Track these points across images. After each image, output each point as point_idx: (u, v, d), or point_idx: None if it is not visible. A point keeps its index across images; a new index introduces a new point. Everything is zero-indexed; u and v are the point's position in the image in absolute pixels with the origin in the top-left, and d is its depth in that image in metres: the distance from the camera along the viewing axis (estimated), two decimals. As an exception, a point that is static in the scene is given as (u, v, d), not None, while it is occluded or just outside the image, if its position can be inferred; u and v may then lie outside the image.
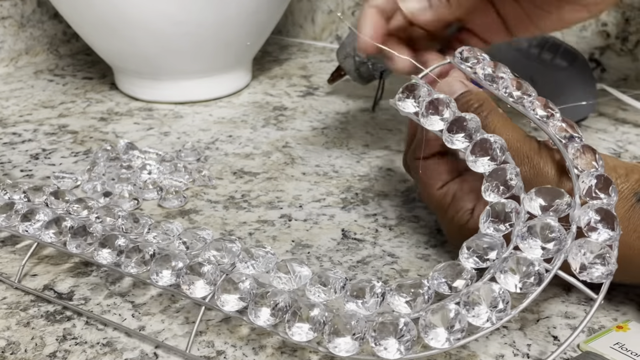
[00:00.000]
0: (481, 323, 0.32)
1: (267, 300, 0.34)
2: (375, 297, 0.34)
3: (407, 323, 0.32)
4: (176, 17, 0.64)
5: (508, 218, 0.35)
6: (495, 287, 0.32)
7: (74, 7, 0.68)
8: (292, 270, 0.35)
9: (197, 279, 0.36)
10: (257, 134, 0.64)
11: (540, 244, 0.33)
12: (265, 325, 0.34)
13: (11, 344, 0.37)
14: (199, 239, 0.39)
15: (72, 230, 0.41)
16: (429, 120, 0.39)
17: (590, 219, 0.34)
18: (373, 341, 0.32)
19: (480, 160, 0.37)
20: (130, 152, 0.57)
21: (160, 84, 0.71)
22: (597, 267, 0.33)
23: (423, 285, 0.33)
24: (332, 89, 0.75)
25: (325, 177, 0.56)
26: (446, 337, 0.31)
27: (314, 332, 0.33)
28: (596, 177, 0.36)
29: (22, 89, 0.76)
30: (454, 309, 0.32)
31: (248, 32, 0.70)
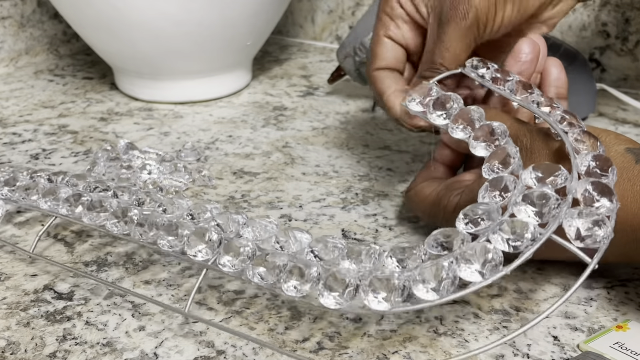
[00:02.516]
0: (473, 278, 0.32)
1: (266, 261, 0.35)
2: (370, 257, 0.35)
3: (399, 278, 0.32)
4: (176, 17, 0.64)
5: (506, 189, 0.36)
6: (488, 246, 0.32)
7: (74, 7, 0.68)
8: (293, 235, 0.37)
9: (200, 244, 0.37)
10: (257, 134, 0.64)
11: (534, 210, 0.34)
12: (261, 283, 0.35)
13: (11, 344, 0.37)
14: (206, 211, 0.40)
15: (89, 203, 0.42)
16: (434, 116, 0.42)
17: (587, 191, 0.34)
18: (365, 294, 0.32)
19: (481, 145, 0.39)
20: (130, 152, 0.57)
21: (160, 84, 0.71)
22: (592, 231, 0.33)
23: (419, 247, 0.34)
24: (332, 89, 0.75)
25: (325, 177, 0.56)
26: (435, 289, 0.32)
27: (307, 287, 0.34)
28: (594, 157, 0.36)
29: (22, 89, 0.76)
30: (446, 265, 0.32)
31: (248, 32, 0.70)
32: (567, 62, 0.62)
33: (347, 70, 0.69)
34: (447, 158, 0.49)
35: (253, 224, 0.39)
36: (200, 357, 0.36)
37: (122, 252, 0.45)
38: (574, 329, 0.38)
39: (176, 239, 0.38)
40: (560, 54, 0.62)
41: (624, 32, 0.73)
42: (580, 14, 0.75)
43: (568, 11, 0.48)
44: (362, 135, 0.64)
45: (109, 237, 0.47)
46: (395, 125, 0.66)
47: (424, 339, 0.38)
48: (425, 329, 0.38)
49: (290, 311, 0.40)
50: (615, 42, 0.74)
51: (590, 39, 0.75)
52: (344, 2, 0.89)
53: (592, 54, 0.75)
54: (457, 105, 0.41)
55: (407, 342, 0.37)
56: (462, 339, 0.37)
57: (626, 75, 0.74)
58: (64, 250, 0.46)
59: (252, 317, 0.39)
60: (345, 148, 0.61)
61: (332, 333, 0.38)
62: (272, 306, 0.40)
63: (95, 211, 0.42)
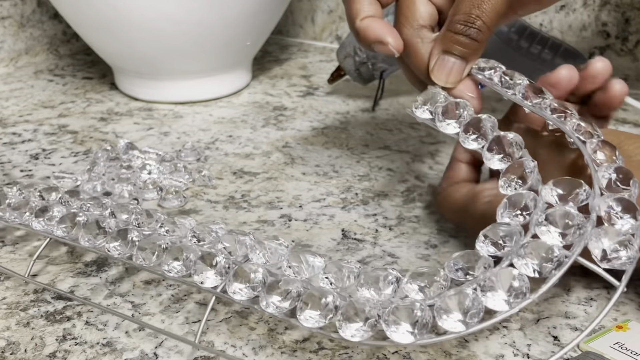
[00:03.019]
0: (499, 307, 0.31)
1: (279, 289, 0.34)
2: (389, 284, 0.33)
3: (422, 308, 0.31)
4: (176, 17, 0.64)
5: (526, 208, 0.34)
6: (513, 271, 0.31)
7: (74, 7, 0.68)
8: (305, 260, 0.35)
9: (208, 269, 0.35)
10: (257, 134, 0.64)
11: (558, 231, 0.32)
12: (277, 313, 0.34)
13: (11, 344, 0.37)
14: (211, 232, 0.39)
15: (86, 224, 0.40)
16: (444, 124, 0.39)
17: (611, 208, 0.33)
18: (386, 325, 0.31)
19: (497, 157, 0.37)
20: (130, 152, 0.57)
21: (160, 84, 0.71)
22: (619, 253, 0.31)
23: (439, 273, 0.33)
24: (332, 89, 0.75)
25: (325, 177, 0.56)
26: (462, 320, 0.30)
27: (324, 319, 0.33)
28: (615, 169, 0.35)
29: (22, 89, 0.76)
30: (470, 293, 0.31)
31: (248, 32, 0.70)
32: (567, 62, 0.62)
33: (347, 70, 0.69)
34: (468, 157, 0.47)
35: (262, 247, 0.36)
36: (200, 357, 0.36)
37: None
38: (574, 329, 0.38)
39: (182, 263, 0.36)
40: (560, 53, 0.62)
41: (624, 32, 0.73)
42: (580, 14, 0.75)
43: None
44: (362, 135, 0.64)
45: (108, 237, 0.47)
46: (395, 125, 0.66)
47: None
48: (425, 329, 0.38)
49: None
50: (615, 42, 0.74)
51: (590, 39, 0.75)
52: (344, 2, 0.89)
53: (592, 54, 0.75)
54: (468, 112, 0.39)
55: (407, 342, 0.37)
56: (462, 339, 0.37)
57: (626, 75, 0.74)
58: (64, 250, 0.46)
59: (252, 317, 0.39)
60: (345, 148, 0.61)
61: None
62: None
63: (94, 233, 0.40)
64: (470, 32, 0.39)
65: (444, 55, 0.40)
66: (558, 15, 0.76)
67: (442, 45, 0.40)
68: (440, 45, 0.40)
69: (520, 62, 0.63)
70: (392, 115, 0.68)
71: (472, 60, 0.41)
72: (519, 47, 0.63)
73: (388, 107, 0.70)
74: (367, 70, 0.68)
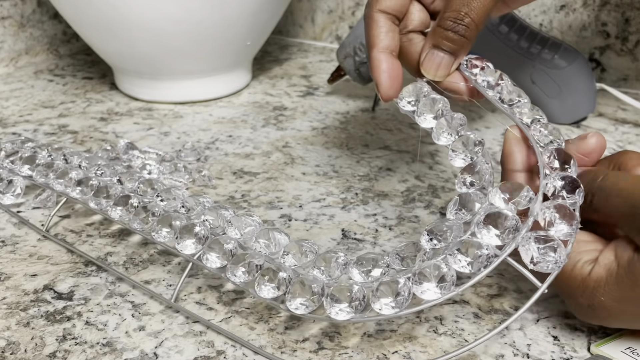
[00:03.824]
0: (427, 296, 0.34)
1: (244, 261, 0.38)
2: (338, 266, 0.37)
3: (359, 290, 0.35)
4: (176, 17, 0.64)
5: (471, 207, 0.37)
6: (443, 265, 0.34)
7: (74, 7, 0.68)
8: (273, 237, 0.39)
9: (188, 238, 0.40)
10: (257, 134, 0.64)
11: (494, 232, 0.34)
12: (239, 282, 0.38)
13: (11, 344, 0.37)
14: (199, 204, 0.43)
15: (95, 188, 0.46)
16: (422, 118, 0.41)
17: (548, 214, 0.35)
18: (326, 302, 0.35)
19: (460, 156, 0.40)
20: (130, 152, 0.57)
21: (160, 84, 0.71)
22: (546, 257, 0.34)
23: (380, 259, 0.37)
24: (332, 89, 0.75)
25: (325, 177, 0.56)
26: (391, 305, 0.34)
27: (278, 291, 0.37)
28: (562, 178, 0.36)
29: (22, 89, 0.76)
30: (403, 281, 0.34)
31: (248, 32, 0.70)
32: (567, 62, 0.62)
33: (347, 70, 0.69)
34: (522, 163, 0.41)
35: (238, 222, 0.41)
36: (200, 357, 0.36)
37: (122, 252, 0.45)
38: (574, 329, 0.38)
39: (170, 231, 0.41)
40: (560, 53, 0.62)
41: (624, 32, 0.73)
42: (580, 14, 0.75)
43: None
44: (362, 135, 0.64)
45: (109, 237, 0.47)
46: (395, 125, 0.66)
47: (424, 339, 0.38)
48: (425, 329, 0.38)
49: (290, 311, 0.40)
50: (615, 42, 0.74)
51: (590, 39, 0.75)
52: (344, 2, 0.89)
53: (592, 54, 0.75)
54: (444, 108, 0.41)
55: (407, 342, 0.37)
56: (462, 339, 0.37)
57: (626, 75, 0.74)
58: (64, 250, 0.46)
59: (252, 317, 0.39)
60: (345, 148, 0.61)
61: (332, 333, 0.38)
62: (272, 306, 0.40)
63: (102, 197, 0.45)
64: (458, 28, 0.41)
65: (433, 50, 0.42)
66: (558, 15, 0.76)
67: (432, 40, 0.42)
68: (431, 40, 0.42)
69: (519, 62, 0.63)
70: (392, 115, 0.68)
71: (460, 56, 0.42)
72: (518, 47, 0.63)
73: (388, 107, 0.70)
74: (367, 70, 0.68)
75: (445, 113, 0.41)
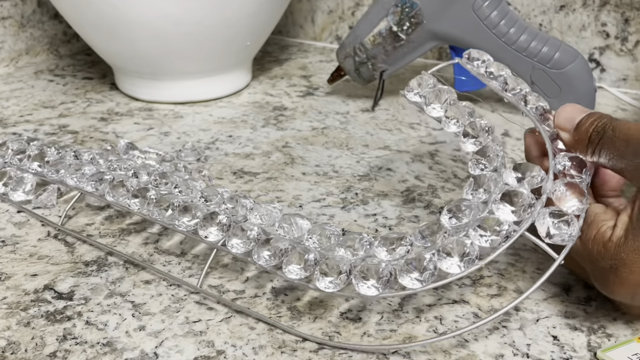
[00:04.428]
0: (452, 270, 0.36)
1: (270, 245, 0.39)
2: (362, 246, 0.39)
3: (386, 267, 0.36)
4: (176, 17, 0.64)
5: (488, 187, 0.39)
6: (466, 241, 0.36)
7: (74, 7, 0.68)
8: (295, 222, 0.41)
9: (211, 226, 0.41)
10: (257, 134, 0.64)
11: (510, 209, 0.36)
12: (266, 265, 0.39)
13: (11, 343, 0.37)
14: (217, 194, 0.44)
15: (111, 182, 0.46)
16: (431, 107, 0.44)
17: (560, 190, 0.37)
18: (355, 280, 0.36)
19: (471, 141, 0.42)
20: (131, 152, 0.57)
21: (161, 84, 0.71)
22: (561, 230, 0.36)
23: (405, 238, 0.38)
24: (332, 89, 0.75)
25: (325, 177, 0.56)
26: (418, 280, 0.36)
27: (305, 272, 0.38)
28: (570, 158, 0.39)
29: (23, 89, 0.76)
30: (428, 257, 0.36)
31: (248, 32, 0.70)
32: (567, 62, 0.62)
33: (347, 70, 0.69)
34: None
35: (259, 209, 0.42)
36: (200, 357, 0.36)
37: (122, 252, 0.45)
38: (574, 329, 0.38)
39: (190, 220, 0.42)
40: (559, 53, 0.63)
41: (623, 32, 0.73)
42: (580, 14, 0.75)
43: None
44: (362, 135, 0.64)
45: (109, 237, 0.47)
46: (395, 125, 0.66)
47: (424, 338, 0.38)
48: (425, 328, 0.38)
49: (290, 311, 0.40)
50: (615, 42, 0.74)
51: (590, 39, 0.75)
52: (344, 2, 0.89)
53: (592, 54, 0.75)
54: (452, 99, 0.43)
55: (406, 341, 0.37)
56: (462, 339, 0.37)
57: (626, 75, 0.74)
58: (64, 250, 0.46)
59: (252, 317, 0.39)
60: (345, 148, 0.61)
61: (332, 333, 0.38)
62: (272, 306, 0.40)
63: (118, 190, 0.46)
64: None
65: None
66: (558, 15, 0.76)
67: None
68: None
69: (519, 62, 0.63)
70: (392, 115, 0.68)
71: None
72: (518, 47, 0.63)
73: (388, 107, 0.70)
74: (367, 70, 0.68)
75: (453, 102, 0.43)
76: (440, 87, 0.44)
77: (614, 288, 0.36)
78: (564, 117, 0.41)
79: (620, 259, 0.35)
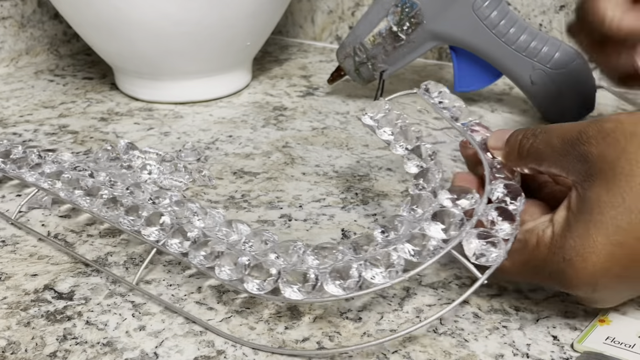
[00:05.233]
0: (377, 281, 0.37)
1: (207, 246, 0.40)
2: (295, 253, 0.40)
3: (313, 273, 0.37)
4: (176, 17, 0.64)
5: (423, 206, 0.40)
6: (393, 254, 0.37)
7: (74, 7, 0.68)
8: (235, 226, 0.42)
9: (153, 225, 0.42)
10: (257, 134, 0.64)
11: (441, 227, 0.38)
12: (200, 265, 0.40)
13: (11, 343, 0.37)
14: (166, 197, 0.46)
15: (67, 180, 0.48)
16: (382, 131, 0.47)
17: (492, 215, 0.38)
18: (282, 284, 0.37)
19: (414, 163, 0.45)
20: (131, 152, 0.57)
21: (161, 84, 0.71)
22: (487, 251, 0.37)
23: (335, 248, 0.39)
24: (332, 89, 0.75)
25: (325, 177, 0.56)
26: (342, 287, 0.37)
27: (237, 274, 0.39)
28: (505, 185, 0.40)
29: (23, 89, 0.76)
30: (355, 266, 0.37)
31: (248, 32, 0.70)
32: (567, 62, 0.62)
33: (347, 70, 0.69)
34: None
35: (204, 213, 0.44)
36: (200, 357, 0.36)
37: (122, 253, 0.45)
38: (574, 329, 0.38)
39: (135, 219, 0.43)
40: (559, 53, 0.63)
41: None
42: (580, 14, 0.75)
43: None
44: (362, 135, 0.64)
45: (109, 237, 0.47)
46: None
47: (424, 339, 0.38)
48: (425, 328, 0.38)
49: (290, 311, 0.40)
50: (615, 42, 0.74)
51: (590, 39, 0.75)
52: (344, 3, 0.89)
53: (592, 54, 0.75)
54: (403, 123, 0.46)
55: (407, 342, 0.37)
56: (462, 339, 0.38)
57: (626, 75, 0.74)
58: (64, 250, 0.46)
59: (252, 317, 0.39)
60: (345, 148, 0.61)
61: (332, 333, 0.38)
62: (272, 306, 0.40)
63: (72, 188, 0.47)
64: None
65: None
66: (558, 15, 0.76)
67: None
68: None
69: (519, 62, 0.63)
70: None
71: None
72: (518, 47, 0.63)
73: (388, 107, 0.70)
74: (367, 70, 0.68)
75: (404, 127, 0.46)
76: (395, 112, 0.47)
77: (574, 282, 0.35)
78: (494, 139, 0.42)
79: (570, 248, 0.35)
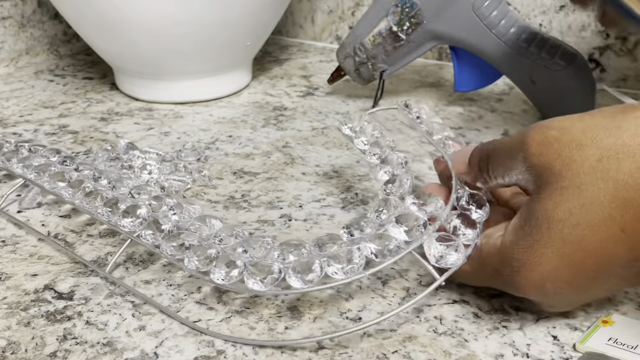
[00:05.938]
0: (337, 277, 0.38)
1: (178, 239, 0.41)
2: (263, 248, 0.41)
3: (276, 267, 0.39)
4: (176, 17, 0.64)
5: (389, 209, 0.42)
6: (355, 252, 0.39)
7: (74, 7, 0.68)
8: (209, 221, 0.43)
9: (129, 217, 0.44)
10: (257, 134, 0.64)
11: (404, 228, 0.39)
12: (171, 256, 0.41)
13: (12, 343, 0.37)
14: (147, 191, 0.47)
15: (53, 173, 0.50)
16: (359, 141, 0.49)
17: (454, 222, 0.39)
18: (247, 276, 0.39)
19: (384, 171, 0.47)
20: (131, 152, 0.57)
21: (161, 84, 0.71)
22: (447, 254, 0.38)
23: (301, 245, 0.41)
24: (332, 89, 0.75)
25: (325, 177, 0.56)
26: (303, 281, 0.38)
27: (205, 265, 0.40)
28: (470, 194, 0.41)
29: (23, 89, 0.76)
30: (317, 262, 0.39)
31: (248, 32, 0.70)
32: (567, 62, 0.62)
33: (347, 70, 0.69)
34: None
35: (180, 208, 0.45)
36: (200, 357, 0.36)
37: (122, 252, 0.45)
38: (574, 329, 0.38)
39: (112, 211, 0.45)
40: (559, 53, 0.63)
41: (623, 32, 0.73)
42: (580, 14, 0.75)
43: None
44: (362, 135, 0.64)
45: (109, 237, 0.47)
46: (395, 126, 0.66)
47: (424, 338, 0.38)
48: (425, 328, 0.38)
49: (290, 311, 0.40)
50: (614, 42, 0.74)
51: (590, 39, 0.75)
52: (344, 2, 0.89)
53: (592, 54, 0.75)
54: (377, 135, 0.49)
55: (407, 341, 0.37)
56: (462, 339, 0.38)
57: (626, 75, 0.74)
58: (64, 250, 0.46)
59: (252, 317, 0.39)
60: (345, 148, 0.61)
61: (332, 333, 0.38)
62: (272, 306, 0.40)
63: (57, 180, 0.49)
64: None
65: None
66: (557, 15, 0.76)
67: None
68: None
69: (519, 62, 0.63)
70: (392, 115, 0.68)
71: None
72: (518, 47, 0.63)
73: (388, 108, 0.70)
74: (367, 70, 0.68)
75: (379, 137, 0.48)
76: (371, 124, 0.49)
77: (523, 290, 0.36)
78: (457, 163, 0.43)
79: (517, 259, 0.35)
